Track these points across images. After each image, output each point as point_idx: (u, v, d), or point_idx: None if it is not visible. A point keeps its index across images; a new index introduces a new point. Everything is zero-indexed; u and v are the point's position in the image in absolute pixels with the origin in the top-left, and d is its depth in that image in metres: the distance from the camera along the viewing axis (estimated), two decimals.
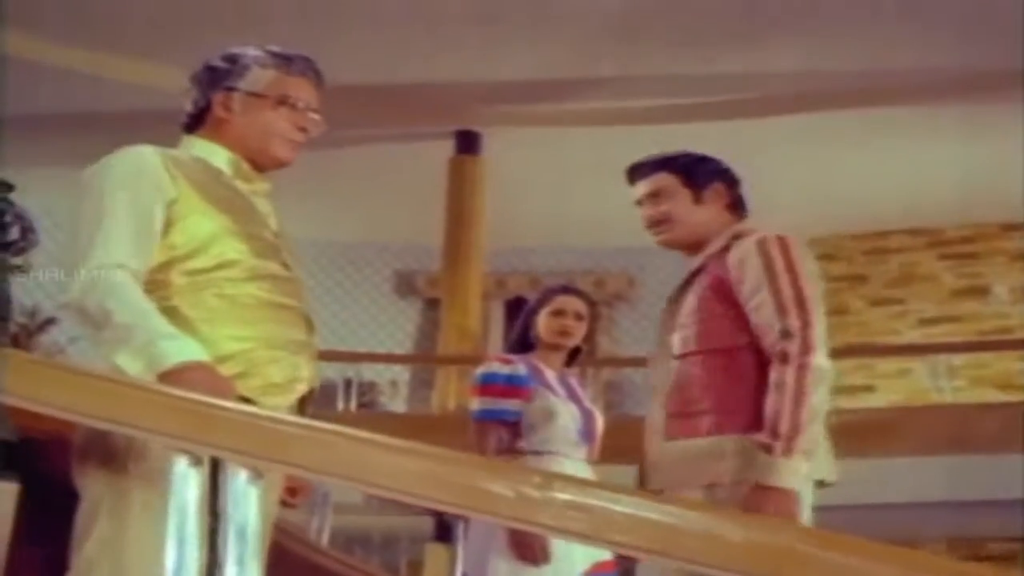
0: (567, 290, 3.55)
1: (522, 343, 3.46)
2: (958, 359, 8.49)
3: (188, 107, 2.35)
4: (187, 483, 1.42)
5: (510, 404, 3.28)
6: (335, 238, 9.25)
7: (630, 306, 9.69)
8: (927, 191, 8.60)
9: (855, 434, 7.08)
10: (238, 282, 2.13)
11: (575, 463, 3.26)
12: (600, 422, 3.41)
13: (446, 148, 8.31)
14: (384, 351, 9.35)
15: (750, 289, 2.42)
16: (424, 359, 9.40)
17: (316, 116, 2.34)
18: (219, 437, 1.31)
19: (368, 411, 8.13)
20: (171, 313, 2.06)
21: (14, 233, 4.13)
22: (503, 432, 3.26)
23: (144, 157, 2.15)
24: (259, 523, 1.42)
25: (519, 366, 3.34)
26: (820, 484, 2.44)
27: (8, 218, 4.08)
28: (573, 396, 3.39)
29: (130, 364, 1.93)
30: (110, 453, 1.96)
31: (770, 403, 2.29)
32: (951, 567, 1.30)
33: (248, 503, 1.38)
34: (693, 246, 2.63)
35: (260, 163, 2.30)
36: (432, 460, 1.33)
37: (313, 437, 1.30)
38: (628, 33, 7.02)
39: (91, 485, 2.00)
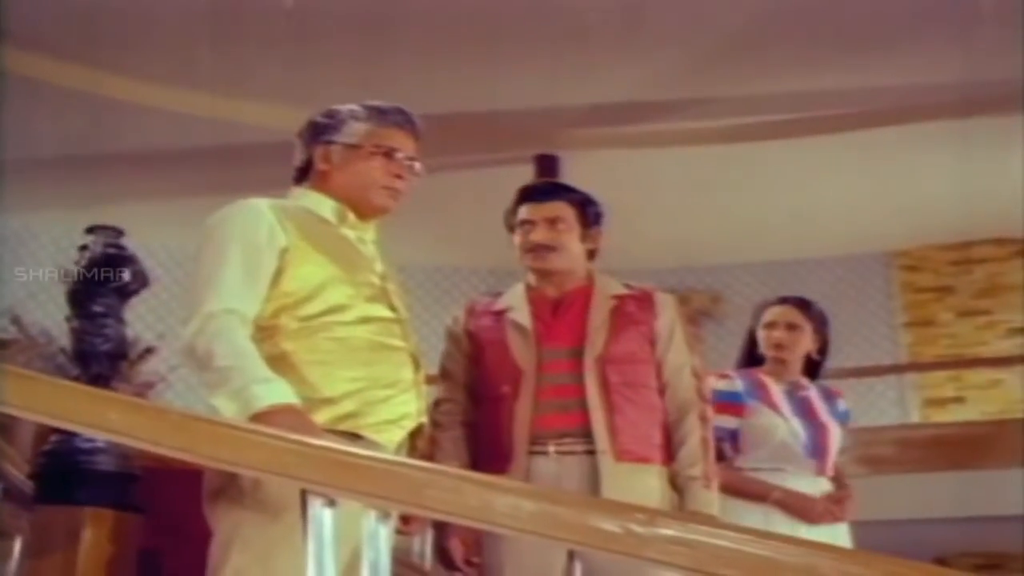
0: (782, 300, 3.47)
1: (749, 358, 3.44)
2: None
3: (296, 161, 2.53)
4: (323, 522, 1.58)
5: (720, 420, 3.17)
6: (424, 263, 9.44)
7: (716, 323, 9.72)
8: (1012, 200, 8.52)
9: (949, 447, 7.09)
10: (348, 325, 2.26)
11: (799, 478, 3.21)
12: (834, 435, 3.31)
13: (526, 173, 8.44)
14: None
15: (676, 352, 2.79)
16: None
17: (413, 163, 2.48)
18: (355, 483, 1.45)
19: None
20: (281, 358, 2.19)
21: (126, 276, 4.34)
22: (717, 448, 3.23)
23: (258, 209, 2.30)
24: (388, 558, 1.57)
25: (736, 381, 3.33)
26: None
27: (120, 262, 4.29)
28: (802, 410, 3.31)
29: (226, 406, 2.06)
30: (240, 492, 2.10)
31: (697, 447, 2.70)
32: None
33: (379, 540, 1.53)
34: (558, 276, 2.83)
35: (362, 211, 2.43)
36: (546, 500, 1.46)
37: (440, 481, 1.43)
38: (705, 55, 7.10)
39: (223, 520, 2.14)
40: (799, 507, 3.16)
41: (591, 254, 2.91)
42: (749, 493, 3.17)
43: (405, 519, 2.37)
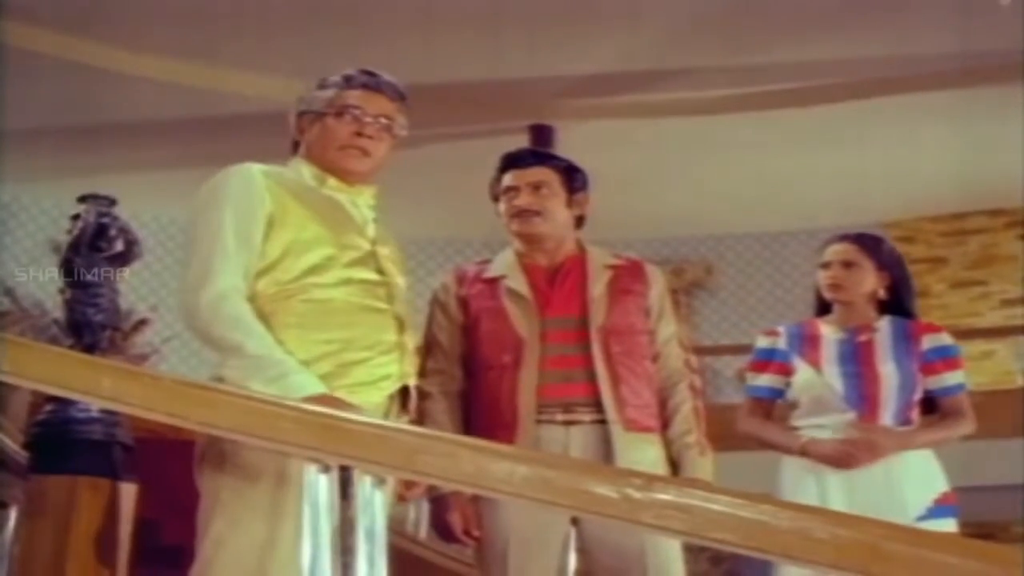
0: (840, 238, 3.25)
1: (820, 305, 3.27)
2: None
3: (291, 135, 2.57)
4: (318, 488, 1.58)
5: (761, 380, 3.19)
6: (416, 235, 9.41)
7: (709, 294, 9.75)
8: (1006, 171, 8.53)
9: None
10: (326, 287, 2.26)
11: (841, 433, 3.02)
12: (888, 382, 3.06)
13: (521, 143, 8.40)
14: None
15: (666, 323, 2.83)
16: None
17: (385, 121, 2.44)
18: (349, 448, 1.45)
19: None
20: (262, 321, 2.19)
21: (119, 246, 4.32)
22: (759, 408, 3.20)
23: (249, 174, 2.32)
24: (384, 523, 1.57)
25: (780, 339, 3.20)
26: None
27: (113, 232, 4.27)
28: (853, 358, 3.11)
29: (265, 390, 2.04)
30: (221, 456, 2.11)
31: (690, 417, 2.75)
32: None
33: (374, 506, 1.53)
34: (544, 241, 2.81)
35: (337, 174, 2.43)
36: (542, 465, 1.46)
37: (435, 447, 1.43)
38: (699, 25, 7.08)
39: (206, 486, 2.16)
40: (822, 454, 3.01)
41: (579, 221, 2.89)
42: (778, 446, 3.13)
43: (407, 484, 2.39)
